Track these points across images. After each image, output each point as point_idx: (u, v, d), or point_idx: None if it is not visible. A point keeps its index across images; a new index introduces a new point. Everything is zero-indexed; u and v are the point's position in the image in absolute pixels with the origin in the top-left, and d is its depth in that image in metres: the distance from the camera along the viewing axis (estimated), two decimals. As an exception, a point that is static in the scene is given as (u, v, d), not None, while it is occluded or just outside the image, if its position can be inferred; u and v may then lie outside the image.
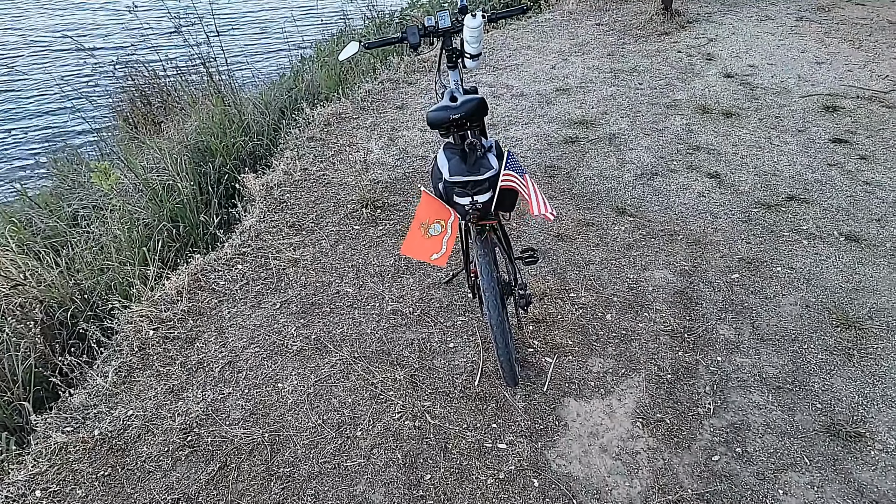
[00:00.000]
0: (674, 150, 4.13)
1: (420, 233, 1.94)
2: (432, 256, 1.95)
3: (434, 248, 1.95)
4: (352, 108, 4.92)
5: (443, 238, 1.94)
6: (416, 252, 1.96)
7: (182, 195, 3.98)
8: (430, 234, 1.94)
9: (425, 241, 1.94)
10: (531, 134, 4.41)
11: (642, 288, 2.98)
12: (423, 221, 1.95)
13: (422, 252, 1.95)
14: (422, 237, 1.94)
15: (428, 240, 1.94)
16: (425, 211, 1.96)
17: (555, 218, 2.57)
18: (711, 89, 4.95)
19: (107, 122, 5.83)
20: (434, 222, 1.94)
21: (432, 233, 1.94)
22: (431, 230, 1.94)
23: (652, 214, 3.51)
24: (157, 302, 2.98)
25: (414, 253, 1.97)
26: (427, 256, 1.95)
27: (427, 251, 1.95)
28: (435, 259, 1.96)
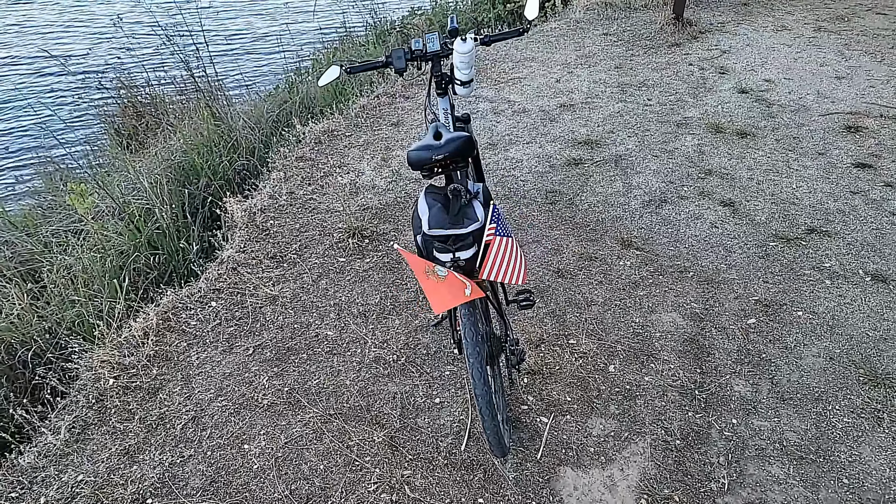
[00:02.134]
0: (684, 175, 3.86)
1: (432, 281, 1.69)
2: (466, 292, 1.70)
3: (459, 286, 1.69)
4: (345, 125, 4.69)
5: (455, 275, 1.70)
6: (447, 300, 1.69)
7: (162, 220, 3.76)
8: (441, 276, 1.69)
9: (444, 285, 1.69)
10: (532, 155, 4.16)
11: (649, 334, 2.72)
12: (423, 270, 1.70)
13: (452, 297, 1.69)
14: (437, 283, 1.69)
15: (444, 282, 1.69)
16: (417, 264, 1.71)
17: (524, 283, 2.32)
18: (725, 106, 4.68)
19: (95, 136, 5.62)
20: (435, 266, 1.69)
21: (442, 274, 1.69)
22: (439, 272, 1.69)
23: (660, 248, 3.24)
24: (122, 344, 2.75)
25: (446, 303, 1.70)
26: (461, 296, 1.69)
27: (456, 292, 1.69)
28: (470, 294, 1.70)
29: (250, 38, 7.73)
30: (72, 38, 7.06)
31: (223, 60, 6.71)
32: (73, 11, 7.83)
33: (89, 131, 5.46)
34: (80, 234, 3.91)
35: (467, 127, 2.83)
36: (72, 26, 7.40)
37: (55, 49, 6.81)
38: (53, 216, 4.45)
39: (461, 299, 1.69)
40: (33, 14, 7.96)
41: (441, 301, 1.70)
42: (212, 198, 4.21)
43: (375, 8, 7.74)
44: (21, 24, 7.67)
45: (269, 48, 7.43)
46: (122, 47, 5.84)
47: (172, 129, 4.97)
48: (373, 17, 7.61)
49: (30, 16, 7.90)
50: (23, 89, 6.23)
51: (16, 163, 5.52)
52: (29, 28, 7.53)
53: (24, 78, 6.47)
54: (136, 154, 4.96)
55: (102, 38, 6.56)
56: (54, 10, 7.91)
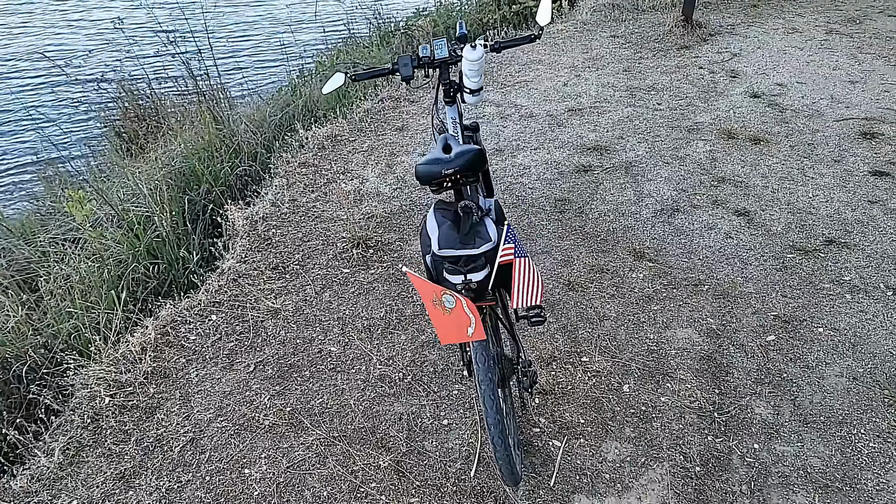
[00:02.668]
0: (696, 182, 3.77)
1: (440, 312, 1.61)
2: (468, 332, 1.61)
3: (463, 322, 1.61)
4: (348, 130, 4.59)
5: (462, 307, 1.60)
6: (452, 334, 1.62)
7: (162, 228, 3.67)
8: (448, 308, 1.60)
9: (449, 319, 1.61)
10: (540, 161, 4.06)
11: (664, 351, 2.62)
12: (431, 298, 1.61)
13: (456, 333, 1.61)
14: (443, 315, 1.61)
15: (450, 316, 1.60)
16: (425, 290, 1.62)
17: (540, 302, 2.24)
18: (737, 111, 4.58)
19: (96, 140, 5.54)
20: (443, 294, 1.60)
21: (448, 306, 1.60)
22: (446, 303, 1.60)
23: (673, 259, 3.15)
24: (119, 360, 2.66)
25: (452, 336, 1.63)
26: (463, 335, 1.61)
27: (459, 330, 1.61)
28: (472, 334, 1.62)
29: (253, 40, 7.64)
30: (72, 41, 6.97)
31: (226, 63, 6.63)
32: (74, 14, 7.76)
33: (89, 135, 5.37)
34: (79, 243, 3.82)
35: (476, 136, 2.74)
36: (73, 29, 7.32)
37: (56, 52, 6.73)
38: (52, 222, 4.37)
39: (463, 338, 1.61)
40: (34, 16, 7.88)
41: (446, 334, 1.62)
42: (213, 205, 4.13)
43: (379, 9, 7.66)
44: (22, 27, 7.60)
45: (272, 50, 7.34)
46: (124, 50, 5.75)
47: (173, 133, 4.88)
48: (376, 19, 7.52)
49: (30, 18, 7.82)
50: (22, 93, 6.15)
51: (15, 167, 5.43)
52: (30, 30, 7.45)
53: (23, 81, 6.40)
54: (136, 159, 4.87)
55: (103, 42, 6.47)
56: (55, 12, 7.83)
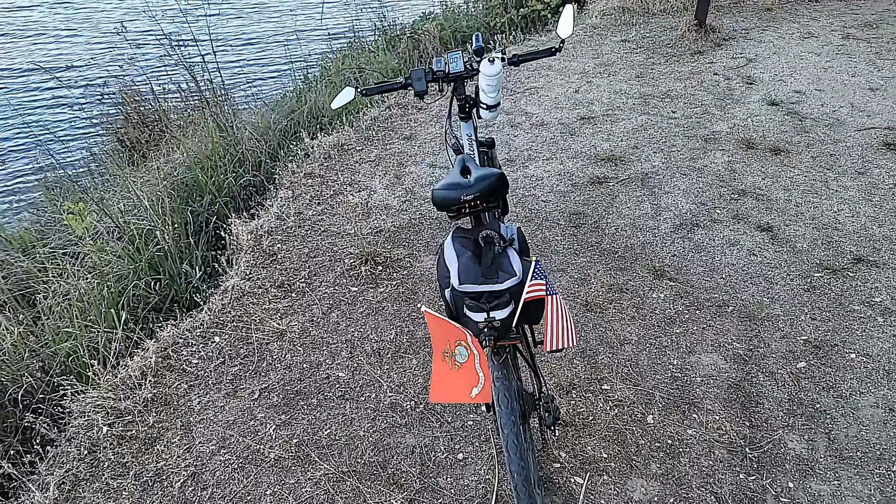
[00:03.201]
0: (716, 195, 3.64)
1: (447, 366, 1.48)
2: (472, 393, 1.49)
3: (470, 381, 1.48)
4: (355, 138, 4.47)
5: (474, 364, 1.48)
6: (450, 394, 1.49)
7: (164, 242, 3.56)
8: (459, 363, 1.48)
9: (456, 375, 1.48)
10: (553, 172, 3.93)
11: (689, 379, 2.49)
12: (443, 349, 1.48)
13: (457, 391, 1.48)
14: (450, 371, 1.48)
15: (458, 371, 1.47)
16: (439, 334, 1.49)
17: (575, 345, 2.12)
18: (755, 119, 4.44)
19: (98, 148, 5.42)
20: (456, 345, 1.48)
21: (460, 360, 1.48)
22: (458, 356, 1.48)
23: (695, 278, 3.02)
24: (118, 386, 2.54)
25: (447, 396, 1.49)
26: (466, 395, 1.48)
27: (463, 388, 1.48)
28: (476, 396, 1.49)
29: (258, 45, 7.53)
30: (74, 48, 6.86)
31: (230, 68, 6.52)
32: (75, 19, 7.65)
33: (91, 142, 5.26)
34: (79, 257, 3.71)
35: (491, 152, 2.62)
36: (74, 35, 7.21)
37: (57, 59, 6.62)
38: (52, 234, 4.26)
39: (464, 398, 1.48)
40: (35, 21, 7.78)
41: (441, 391, 1.49)
42: (216, 217, 4.02)
43: (384, 12, 7.54)
44: (23, 31, 7.50)
45: (277, 55, 7.23)
46: (127, 58, 5.65)
47: (176, 141, 4.77)
48: (382, 23, 7.41)
49: (31, 23, 7.72)
50: (23, 100, 6.05)
51: (16, 176, 5.33)
52: (32, 35, 7.35)
53: (24, 88, 6.29)
54: (138, 167, 4.76)
55: (106, 48, 6.36)
56: (57, 17, 7.73)
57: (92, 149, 5.18)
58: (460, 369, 1.46)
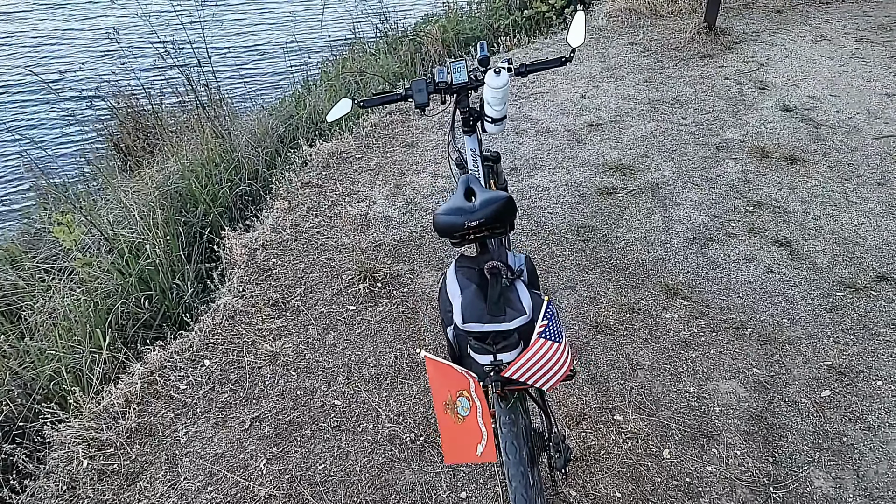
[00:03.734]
0: (730, 207, 3.49)
1: (451, 420, 1.33)
2: (477, 451, 1.34)
3: (474, 437, 1.33)
4: (355, 146, 4.33)
5: (476, 416, 1.33)
6: (460, 452, 1.34)
7: (155, 255, 3.42)
8: (461, 416, 1.33)
9: (461, 430, 1.33)
10: (560, 182, 3.79)
11: (707, 408, 2.34)
12: (444, 400, 1.34)
13: (464, 450, 1.33)
14: (455, 425, 1.33)
15: (462, 426, 1.33)
16: (440, 383, 1.34)
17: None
18: (768, 126, 4.29)
19: (89, 155, 5.28)
20: (458, 396, 1.33)
21: (462, 413, 1.33)
22: (460, 408, 1.33)
23: (710, 297, 2.87)
24: (101, 415, 2.40)
25: (459, 455, 1.35)
26: (472, 454, 1.34)
27: (468, 446, 1.33)
28: (482, 454, 1.34)
29: (256, 48, 7.39)
30: (66, 53, 6.71)
31: (227, 73, 6.37)
32: (68, 24, 7.49)
33: (84, 149, 5.12)
34: (66, 271, 3.58)
35: (497, 167, 2.47)
36: (67, 40, 7.05)
37: (50, 64, 6.48)
38: (42, 245, 4.12)
39: (470, 457, 1.33)
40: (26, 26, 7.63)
41: (455, 450, 1.34)
42: (210, 228, 3.88)
43: (386, 14, 7.40)
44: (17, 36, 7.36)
45: (276, 59, 7.08)
46: (120, 63, 5.50)
47: (171, 148, 4.63)
48: (384, 24, 7.26)
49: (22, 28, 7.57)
50: (14, 106, 5.92)
51: (6, 182, 5.19)
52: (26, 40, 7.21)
53: (16, 94, 6.16)
54: (132, 175, 4.62)
55: (101, 53, 6.21)
56: (49, 22, 7.57)
57: (86, 155, 5.04)
58: (463, 423, 1.32)
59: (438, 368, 1.33)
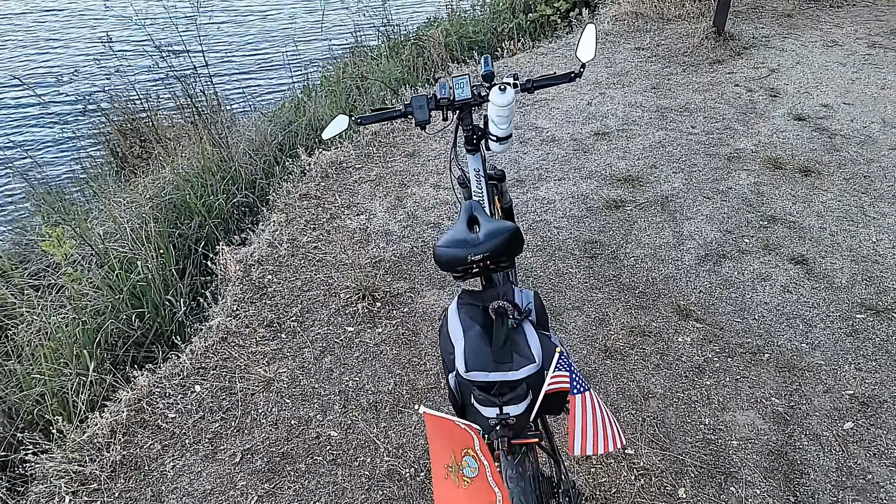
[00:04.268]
0: (743, 221, 3.36)
1: (452, 484, 1.20)
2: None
3: (485, 499, 1.20)
4: (355, 156, 4.21)
5: (486, 475, 1.21)
6: None
7: (147, 271, 3.30)
8: (468, 478, 1.20)
9: (467, 494, 1.20)
10: (566, 194, 3.66)
11: (723, 442, 2.22)
12: (446, 463, 1.21)
13: None
14: (458, 490, 1.20)
15: (469, 489, 1.20)
16: (441, 443, 1.22)
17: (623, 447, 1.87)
18: (781, 135, 4.16)
19: (86, 160, 5.17)
20: (463, 455, 1.20)
21: (469, 474, 1.20)
22: (466, 469, 1.20)
23: (724, 319, 2.74)
24: (85, 445, 2.29)
25: None
26: None
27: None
28: None
29: (254, 52, 7.27)
30: (63, 57, 6.60)
31: (225, 78, 6.26)
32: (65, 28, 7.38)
33: (80, 155, 5.01)
34: (56, 286, 3.46)
35: (502, 186, 2.35)
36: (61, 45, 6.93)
37: (49, 67, 6.37)
38: (34, 257, 4.01)
39: None
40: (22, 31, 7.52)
41: None
42: (205, 241, 3.76)
43: (388, 17, 7.28)
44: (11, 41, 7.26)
45: (275, 63, 6.96)
46: (113, 69, 5.38)
47: (166, 156, 4.52)
48: (385, 27, 7.14)
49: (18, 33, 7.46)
50: (9, 111, 5.81)
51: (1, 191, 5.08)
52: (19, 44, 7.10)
53: (11, 98, 6.05)
54: (125, 184, 4.51)
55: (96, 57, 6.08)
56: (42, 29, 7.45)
57: (80, 162, 4.93)
58: (471, 485, 1.19)
59: (440, 425, 1.21)
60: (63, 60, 6.44)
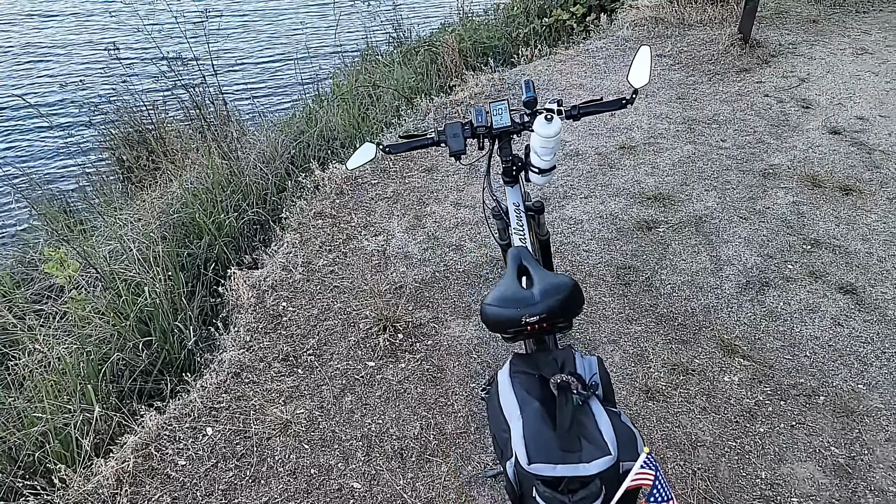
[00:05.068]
0: (784, 245, 3.17)
1: None
2: None
3: None
4: (370, 170, 4.04)
5: None
6: None
7: (155, 295, 3.13)
8: None
9: None
10: (593, 214, 3.48)
11: (783, 499, 2.04)
12: None
13: None
14: None
15: None
16: None
17: None
18: (816, 150, 3.97)
19: (93, 173, 5.01)
20: None
21: None
22: None
23: (773, 356, 2.56)
24: (89, 497, 2.11)
25: None
26: None
27: None
28: None
29: (265, 61, 7.09)
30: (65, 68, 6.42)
31: (235, 87, 6.08)
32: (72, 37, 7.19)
33: (83, 171, 4.85)
34: (60, 310, 3.29)
35: (539, 219, 2.17)
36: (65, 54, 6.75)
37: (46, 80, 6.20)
38: (37, 274, 3.85)
39: None
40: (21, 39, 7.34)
41: None
42: (216, 261, 3.59)
43: (400, 22, 7.11)
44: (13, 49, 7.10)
45: (287, 71, 6.79)
46: (122, 77, 5.22)
47: (175, 170, 4.35)
48: (399, 33, 6.97)
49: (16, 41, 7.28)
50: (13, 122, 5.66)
51: (4, 205, 4.92)
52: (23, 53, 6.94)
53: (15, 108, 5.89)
54: (132, 199, 4.34)
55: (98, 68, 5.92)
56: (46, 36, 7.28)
57: (88, 174, 4.77)
58: None
59: None
60: (67, 69, 6.28)
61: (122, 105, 4.71)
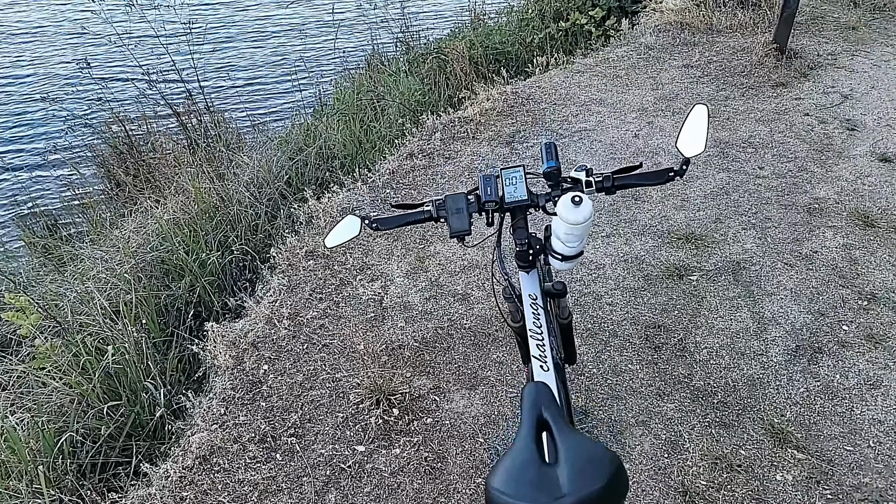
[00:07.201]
0: (837, 300, 2.77)
1: None
2: None
3: None
4: (369, 199, 3.67)
5: None
6: None
7: (125, 350, 2.79)
8: None
9: None
10: (617, 256, 3.09)
11: None
12: None
13: None
14: None
15: None
16: None
17: None
18: (866, 181, 3.55)
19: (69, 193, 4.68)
20: None
21: None
22: None
23: (832, 446, 2.17)
24: None
25: None
26: None
27: None
28: None
29: (257, 73, 6.71)
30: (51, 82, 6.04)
31: (225, 103, 5.70)
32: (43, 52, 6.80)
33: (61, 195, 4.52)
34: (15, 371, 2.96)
35: (561, 302, 1.79)
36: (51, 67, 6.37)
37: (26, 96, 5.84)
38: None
39: None
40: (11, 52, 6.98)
41: None
42: (195, 304, 3.25)
43: (407, 26, 6.72)
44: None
45: (282, 81, 6.42)
46: (96, 95, 4.88)
47: (157, 196, 4.01)
48: (406, 39, 6.59)
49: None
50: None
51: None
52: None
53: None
54: (105, 233, 3.99)
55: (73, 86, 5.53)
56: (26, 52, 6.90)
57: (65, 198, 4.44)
58: None
59: None
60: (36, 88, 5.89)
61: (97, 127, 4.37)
